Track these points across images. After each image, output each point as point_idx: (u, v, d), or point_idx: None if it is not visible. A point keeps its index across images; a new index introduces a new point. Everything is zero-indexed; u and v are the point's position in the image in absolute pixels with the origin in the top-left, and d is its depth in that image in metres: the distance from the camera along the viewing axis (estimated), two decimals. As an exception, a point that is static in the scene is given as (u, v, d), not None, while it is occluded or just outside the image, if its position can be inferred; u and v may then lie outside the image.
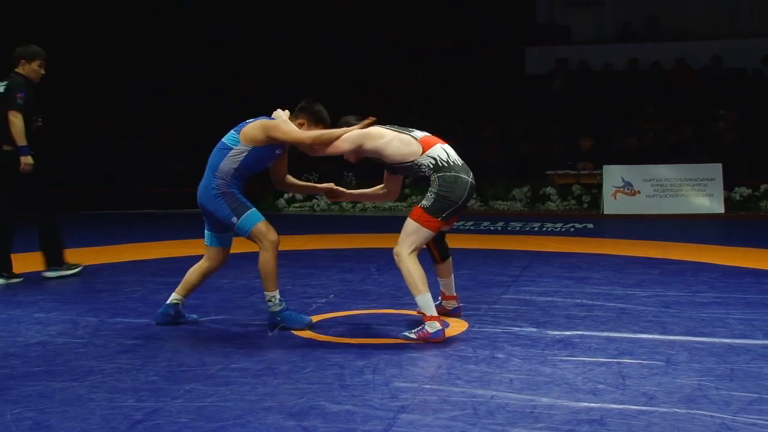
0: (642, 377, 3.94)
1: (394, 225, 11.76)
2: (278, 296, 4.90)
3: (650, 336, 4.74)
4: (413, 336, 4.63)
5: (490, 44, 17.52)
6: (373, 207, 12.89)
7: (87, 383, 3.90)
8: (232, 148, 4.84)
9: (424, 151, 4.75)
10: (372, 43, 17.07)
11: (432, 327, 4.60)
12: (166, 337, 4.79)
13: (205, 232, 5.05)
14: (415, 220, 4.69)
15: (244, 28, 17.05)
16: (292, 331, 4.87)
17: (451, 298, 5.27)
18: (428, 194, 4.73)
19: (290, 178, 5.25)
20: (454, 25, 17.87)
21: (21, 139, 6.56)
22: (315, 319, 5.23)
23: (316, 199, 13.03)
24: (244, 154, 4.82)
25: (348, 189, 5.51)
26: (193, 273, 5.09)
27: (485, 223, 10.90)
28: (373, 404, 3.58)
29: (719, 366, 4.12)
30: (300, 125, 4.93)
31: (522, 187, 13.03)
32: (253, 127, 4.85)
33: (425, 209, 4.69)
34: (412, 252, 4.68)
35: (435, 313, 4.66)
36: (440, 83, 16.65)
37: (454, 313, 5.25)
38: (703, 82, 15.99)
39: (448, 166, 4.74)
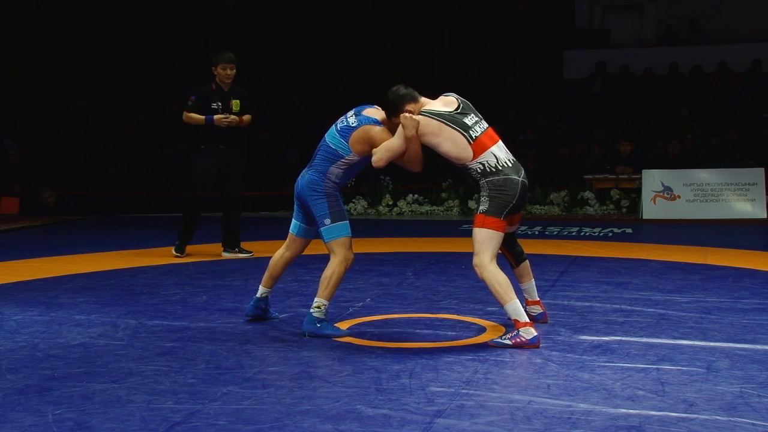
0: (682, 384, 3.89)
1: (431, 229, 11.76)
2: (328, 307, 4.92)
3: (690, 342, 4.68)
4: (508, 342, 4.57)
5: (529, 48, 17.47)
6: (410, 211, 12.88)
7: (126, 385, 3.95)
8: (343, 157, 4.87)
9: (474, 157, 4.70)
10: (413, 46, 17.10)
11: (528, 333, 4.57)
12: (204, 340, 4.83)
13: (293, 221, 5.12)
14: (481, 227, 4.67)
15: (285, 30, 17.17)
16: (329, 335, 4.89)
17: (535, 303, 5.18)
18: (482, 198, 4.72)
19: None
20: (495, 28, 17.84)
21: (198, 122, 7.85)
22: (351, 323, 5.24)
23: (353, 203, 13.05)
24: (355, 161, 4.90)
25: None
26: (276, 264, 5.18)
27: (522, 228, 10.82)
28: (409, 408, 3.57)
29: (761, 373, 4.05)
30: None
31: (560, 191, 12.95)
32: (358, 140, 4.83)
33: (486, 213, 4.67)
34: (492, 259, 4.66)
35: (527, 320, 4.63)
36: (479, 86, 16.63)
37: (540, 318, 5.13)
38: (744, 86, 15.80)
39: (496, 171, 4.71)
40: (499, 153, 4.79)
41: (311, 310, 4.89)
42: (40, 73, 15.82)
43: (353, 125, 4.88)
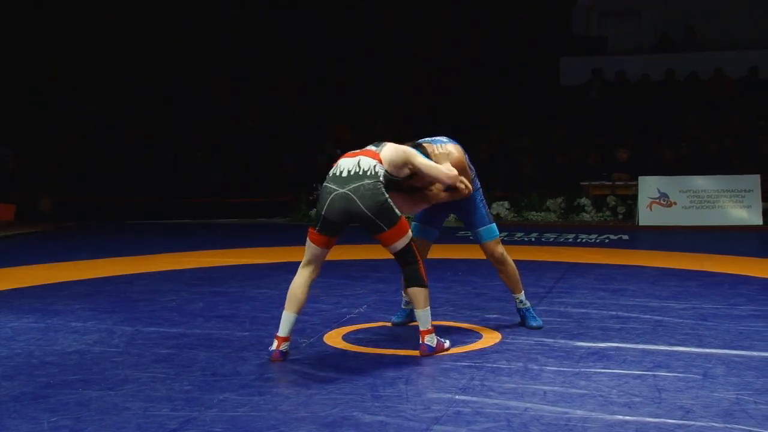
0: (678, 390, 3.89)
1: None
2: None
3: (687, 349, 4.68)
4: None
5: (526, 54, 17.51)
6: (407, 218, 12.86)
7: (123, 392, 3.94)
8: None
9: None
10: (413, 53, 17.14)
11: (273, 345, 4.52)
12: (200, 347, 4.82)
13: None
14: None
15: (284, 39, 17.19)
16: (326, 341, 4.89)
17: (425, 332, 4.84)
18: None
19: None
20: (493, 35, 17.88)
21: None
22: (348, 329, 5.24)
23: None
24: None
25: None
26: None
27: (519, 234, 10.84)
28: (406, 415, 3.57)
29: (758, 380, 4.05)
30: None
31: (556, 197, 12.95)
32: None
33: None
34: (301, 266, 4.63)
35: (282, 334, 4.52)
36: (477, 93, 16.65)
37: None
38: (741, 93, 15.83)
39: (328, 176, 4.65)
40: (346, 162, 4.65)
41: None
42: (37, 79, 15.82)
43: None
